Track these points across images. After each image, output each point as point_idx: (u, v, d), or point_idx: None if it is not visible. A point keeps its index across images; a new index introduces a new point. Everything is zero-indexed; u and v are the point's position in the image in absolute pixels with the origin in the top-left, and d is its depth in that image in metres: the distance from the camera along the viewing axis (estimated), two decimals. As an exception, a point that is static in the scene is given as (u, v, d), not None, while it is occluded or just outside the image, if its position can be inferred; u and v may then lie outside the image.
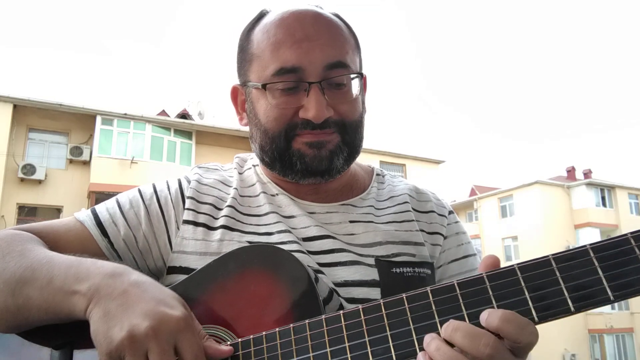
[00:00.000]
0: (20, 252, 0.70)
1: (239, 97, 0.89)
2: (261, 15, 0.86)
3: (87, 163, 14.34)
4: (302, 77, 0.77)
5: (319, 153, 0.79)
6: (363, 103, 0.86)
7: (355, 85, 0.81)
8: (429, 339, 0.54)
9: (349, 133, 0.81)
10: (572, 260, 0.52)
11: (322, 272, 0.76)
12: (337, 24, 0.82)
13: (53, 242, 0.78)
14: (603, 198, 24.33)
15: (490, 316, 0.51)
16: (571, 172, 27.56)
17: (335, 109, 0.79)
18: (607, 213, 23.76)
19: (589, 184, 24.06)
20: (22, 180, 13.63)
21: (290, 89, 0.78)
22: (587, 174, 26.93)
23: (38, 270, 0.67)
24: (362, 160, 1.04)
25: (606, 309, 22.25)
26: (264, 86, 0.79)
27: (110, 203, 0.86)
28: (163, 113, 17.01)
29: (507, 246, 24.66)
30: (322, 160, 0.79)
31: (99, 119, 14.40)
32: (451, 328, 0.52)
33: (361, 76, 0.82)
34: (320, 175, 0.81)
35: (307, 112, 0.77)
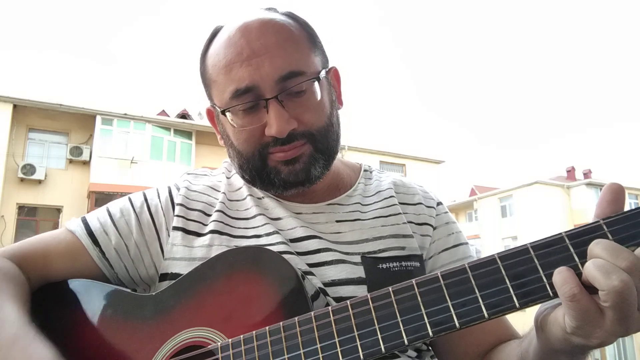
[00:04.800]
0: None
1: (214, 117, 0.89)
2: (214, 34, 0.84)
3: (87, 163, 14.34)
4: (259, 95, 0.76)
5: (294, 168, 0.80)
6: (332, 102, 0.85)
7: (316, 88, 0.79)
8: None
9: (320, 141, 0.81)
10: (549, 247, 0.54)
11: (311, 273, 0.76)
12: (284, 29, 0.79)
13: (43, 257, 0.78)
14: (603, 198, 24.28)
15: (593, 247, 0.51)
16: (571, 172, 27.56)
17: (300, 119, 0.78)
18: (607, 213, 23.69)
19: (588, 184, 24.03)
20: (22, 180, 13.63)
21: (250, 108, 0.77)
22: (587, 174, 26.94)
23: None
24: (363, 160, 1.04)
25: (606, 309, 22.22)
26: (223, 112, 0.79)
27: (101, 212, 0.86)
28: (163, 113, 17.00)
29: (507, 246, 24.52)
30: (298, 173, 0.80)
31: (98, 119, 14.40)
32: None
33: (318, 79, 0.79)
34: (301, 185, 0.81)
35: (270, 128, 0.76)
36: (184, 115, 17.03)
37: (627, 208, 0.53)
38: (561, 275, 0.51)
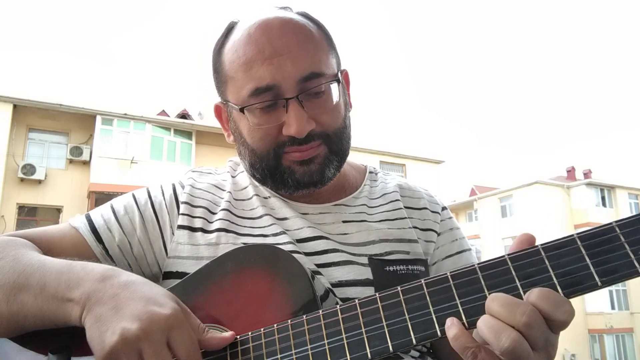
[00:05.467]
0: (14, 257, 0.70)
1: (222, 114, 0.89)
2: (230, 29, 0.84)
3: (87, 163, 14.33)
4: (279, 94, 0.76)
5: (309, 168, 0.80)
6: (346, 103, 0.85)
7: (334, 90, 0.80)
8: (482, 321, 0.53)
9: (335, 142, 0.81)
10: (560, 248, 0.54)
11: (319, 273, 0.76)
12: (305, 29, 0.79)
13: (47, 248, 0.78)
14: (603, 198, 24.29)
15: (529, 293, 0.52)
16: (571, 172, 27.53)
17: (317, 120, 0.78)
18: (607, 213, 23.71)
19: (588, 184, 24.02)
20: (22, 180, 13.62)
21: (269, 106, 0.77)
22: (587, 174, 26.91)
23: (31, 276, 0.67)
24: (363, 160, 1.04)
25: (606, 309, 22.24)
26: (242, 109, 0.78)
27: (105, 209, 0.86)
28: (163, 113, 17.00)
29: (507, 246, 24.50)
30: (313, 174, 0.80)
31: (99, 119, 14.39)
32: (489, 299, 0.53)
33: (338, 81, 0.80)
34: (314, 185, 0.81)
35: (289, 128, 0.76)
36: (184, 115, 17.02)
37: (627, 208, 0.52)
38: (451, 331, 0.53)
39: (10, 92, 13.73)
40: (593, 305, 21.89)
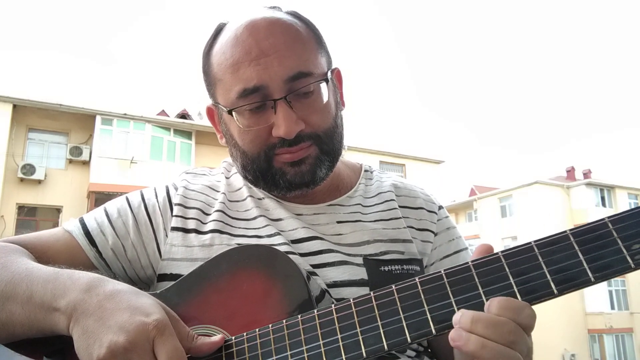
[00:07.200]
0: (3, 265, 0.70)
1: (215, 116, 0.88)
2: (218, 31, 0.83)
3: (86, 163, 14.33)
4: (267, 95, 0.76)
5: (300, 169, 0.79)
6: (337, 103, 0.85)
7: (323, 89, 0.79)
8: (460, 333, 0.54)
9: (326, 142, 0.81)
10: (553, 245, 0.54)
11: (315, 274, 0.76)
12: (292, 29, 0.79)
13: (42, 252, 0.78)
14: (603, 198, 24.31)
15: (490, 305, 0.53)
16: (571, 172, 27.55)
17: (306, 121, 0.78)
18: (607, 213, 23.36)
19: (588, 184, 24.04)
20: (21, 180, 13.62)
21: (257, 108, 0.77)
22: (586, 174, 26.93)
23: (18, 284, 0.66)
24: (363, 160, 1.03)
25: (606, 309, 22.25)
26: (230, 112, 0.78)
27: (99, 212, 0.86)
28: (163, 113, 16.99)
29: (507, 246, 24.29)
30: (304, 175, 0.80)
31: (98, 119, 14.40)
32: (470, 320, 0.53)
33: (327, 80, 0.79)
34: (306, 186, 0.81)
35: (278, 129, 0.76)
36: (183, 115, 17.02)
37: (626, 208, 0.54)
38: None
39: (10, 92, 13.73)
40: (593, 305, 21.90)
